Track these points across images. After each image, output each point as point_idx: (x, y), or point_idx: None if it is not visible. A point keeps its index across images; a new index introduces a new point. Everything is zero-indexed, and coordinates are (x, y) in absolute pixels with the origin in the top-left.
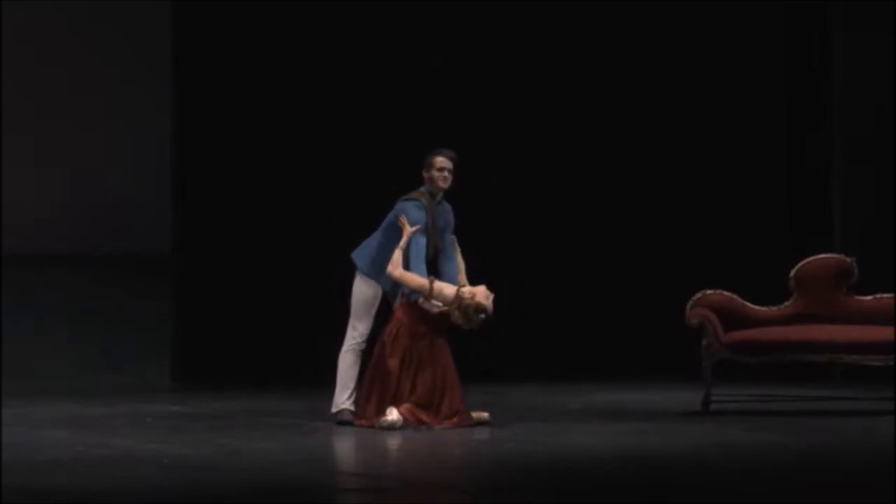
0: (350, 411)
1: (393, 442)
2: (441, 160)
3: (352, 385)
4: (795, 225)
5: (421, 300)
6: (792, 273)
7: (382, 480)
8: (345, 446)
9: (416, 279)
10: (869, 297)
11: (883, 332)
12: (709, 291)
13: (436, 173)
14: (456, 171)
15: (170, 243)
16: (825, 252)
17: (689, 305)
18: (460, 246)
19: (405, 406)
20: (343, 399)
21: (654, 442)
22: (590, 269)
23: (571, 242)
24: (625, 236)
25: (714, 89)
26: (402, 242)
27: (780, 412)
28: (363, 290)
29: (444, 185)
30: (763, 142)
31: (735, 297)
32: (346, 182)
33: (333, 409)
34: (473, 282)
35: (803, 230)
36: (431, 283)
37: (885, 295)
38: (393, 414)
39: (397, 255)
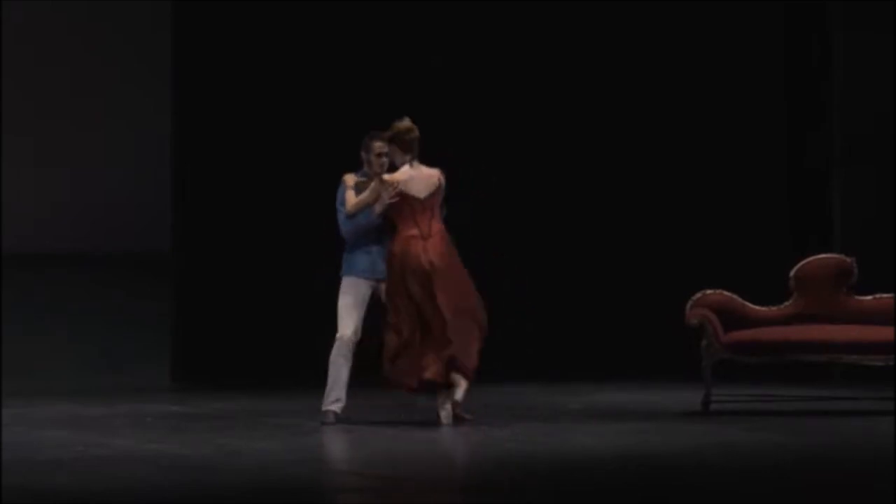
0: (335, 413)
1: (393, 442)
2: (380, 145)
3: (339, 386)
4: (795, 225)
5: (377, 207)
6: (792, 273)
7: (382, 480)
8: (345, 446)
9: (364, 195)
10: (869, 297)
11: (883, 333)
12: (709, 291)
13: (374, 158)
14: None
15: (170, 243)
16: (825, 252)
17: (688, 305)
18: (460, 246)
19: (434, 367)
20: (330, 400)
21: (654, 442)
22: (589, 270)
23: (571, 242)
24: (625, 236)
25: (714, 89)
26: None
27: (780, 412)
28: (345, 292)
29: (382, 170)
30: (763, 142)
31: (735, 297)
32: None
33: (322, 409)
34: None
35: (803, 230)
36: (380, 177)
37: (885, 295)
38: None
39: (350, 195)
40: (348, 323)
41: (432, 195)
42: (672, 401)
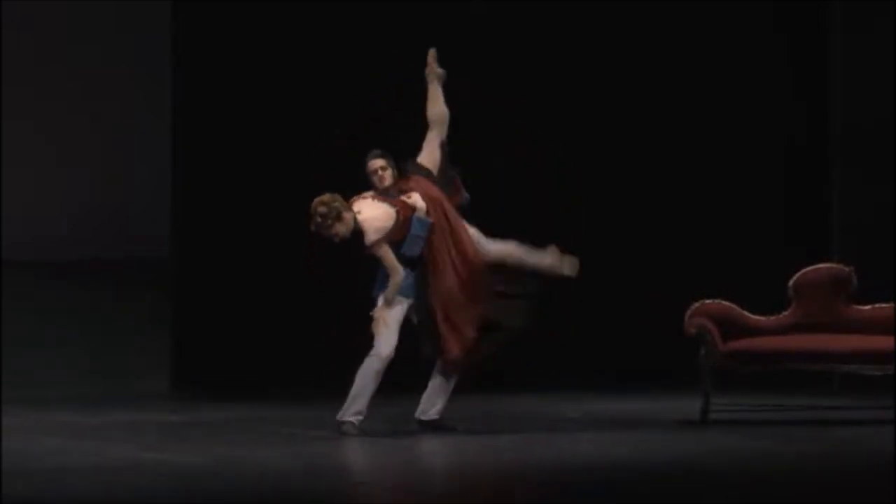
0: (353, 424)
1: (393, 451)
2: (371, 164)
3: (363, 400)
4: (794, 233)
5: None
6: (791, 282)
7: (382, 489)
8: (345, 455)
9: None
10: (868, 307)
11: (882, 342)
12: (707, 300)
13: (372, 176)
14: (395, 162)
15: (169, 250)
16: (824, 261)
17: (687, 314)
18: None
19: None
20: (352, 412)
21: (653, 451)
22: (589, 278)
23: (569, 251)
24: (623, 245)
25: (713, 93)
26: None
27: (779, 422)
28: (390, 310)
29: (382, 184)
30: (762, 144)
31: (734, 306)
32: (348, 186)
33: (339, 418)
34: None
35: (802, 238)
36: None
37: (884, 304)
38: None
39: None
40: (390, 341)
41: None
42: (671, 410)
